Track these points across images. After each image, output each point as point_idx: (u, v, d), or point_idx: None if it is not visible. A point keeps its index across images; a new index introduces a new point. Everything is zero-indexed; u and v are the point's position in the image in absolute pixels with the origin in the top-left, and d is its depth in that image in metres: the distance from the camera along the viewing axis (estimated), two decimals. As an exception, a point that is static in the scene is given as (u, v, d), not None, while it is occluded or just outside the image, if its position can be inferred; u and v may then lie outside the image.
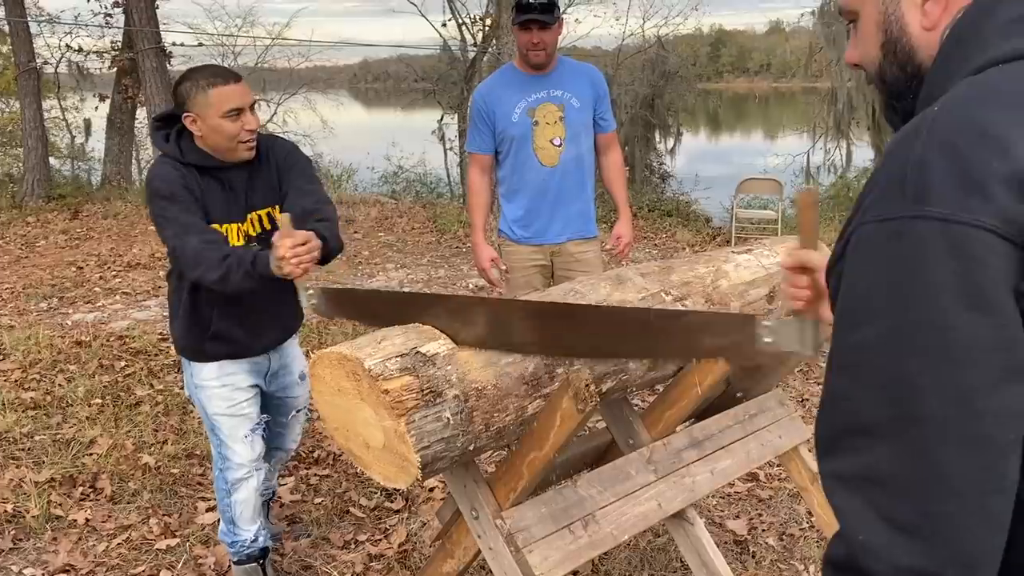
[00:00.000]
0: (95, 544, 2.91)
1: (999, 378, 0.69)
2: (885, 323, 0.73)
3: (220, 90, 2.23)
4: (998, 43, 0.80)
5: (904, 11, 0.88)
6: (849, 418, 0.75)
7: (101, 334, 5.01)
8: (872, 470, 0.73)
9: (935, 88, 0.84)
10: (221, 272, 2.13)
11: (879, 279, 0.74)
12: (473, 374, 1.76)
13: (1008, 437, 0.71)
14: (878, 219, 0.75)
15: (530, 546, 1.93)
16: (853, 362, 0.76)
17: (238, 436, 2.49)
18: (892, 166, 0.76)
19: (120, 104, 11.76)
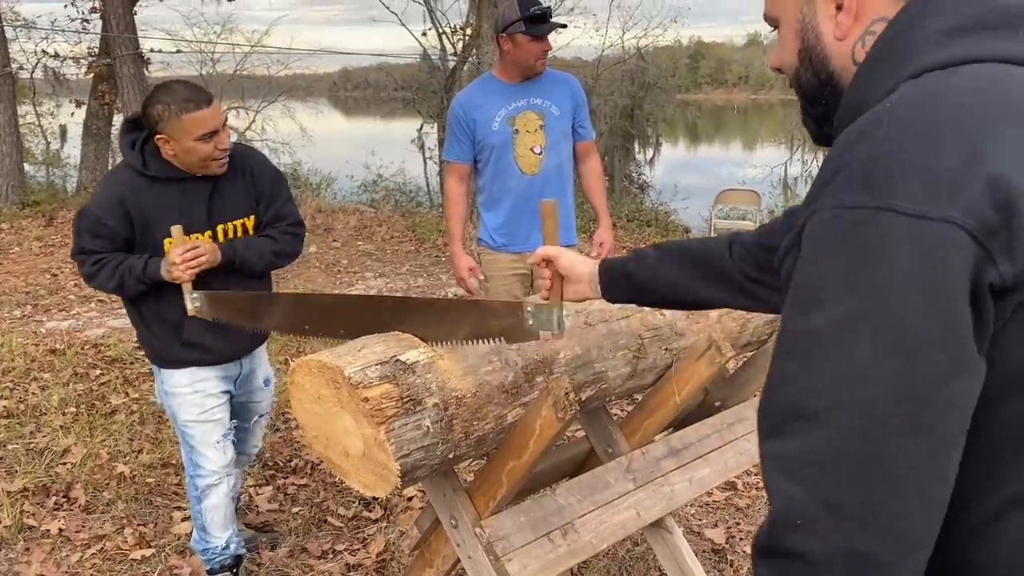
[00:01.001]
0: (68, 554, 2.87)
1: (948, 372, 0.71)
2: (839, 310, 0.73)
3: (193, 116, 2.23)
4: (934, 51, 0.81)
5: (819, 21, 0.92)
6: (796, 402, 0.76)
7: (76, 342, 4.96)
8: (816, 454, 0.73)
9: (862, 92, 0.87)
10: (116, 282, 2.32)
11: (836, 266, 0.74)
12: (453, 382, 1.76)
13: (951, 429, 0.72)
14: (838, 207, 0.75)
15: (509, 555, 1.93)
16: (803, 347, 0.76)
17: (209, 442, 2.48)
18: (850, 159, 0.77)
19: (96, 110, 11.65)
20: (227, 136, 2.33)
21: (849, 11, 0.89)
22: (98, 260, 2.32)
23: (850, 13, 0.89)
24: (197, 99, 2.25)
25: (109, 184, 2.37)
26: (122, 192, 2.31)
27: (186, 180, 2.35)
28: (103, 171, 11.89)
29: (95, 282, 2.36)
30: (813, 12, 0.92)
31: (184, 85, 2.31)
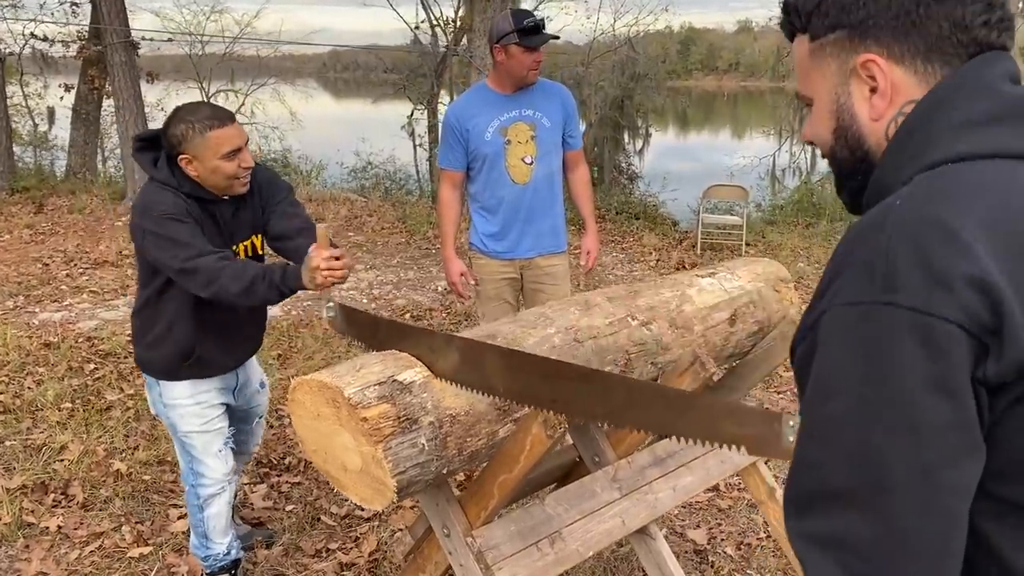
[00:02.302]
0: (67, 552, 2.94)
1: (957, 455, 0.78)
2: (854, 398, 0.80)
3: (217, 133, 2.24)
4: (948, 143, 0.88)
5: (854, 102, 0.97)
6: (821, 484, 0.82)
7: (69, 335, 5.00)
8: (841, 532, 0.80)
9: (887, 176, 0.93)
10: (244, 284, 2.17)
11: (850, 357, 0.81)
12: (447, 401, 1.84)
13: (961, 508, 0.79)
14: (848, 303, 0.82)
15: (499, 563, 2.01)
16: (825, 432, 0.83)
17: (211, 451, 2.54)
18: (859, 254, 0.84)
19: (86, 94, 11.61)
20: (250, 157, 2.33)
21: (884, 95, 0.94)
22: (220, 259, 2.20)
23: (884, 96, 0.94)
24: (220, 117, 2.27)
25: (156, 195, 2.28)
26: (177, 202, 2.26)
27: (215, 202, 2.35)
28: (92, 156, 11.87)
29: (215, 286, 2.18)
30: (848, 94, 0.97)
31: (206, 105, 2.34)
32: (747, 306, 2.62)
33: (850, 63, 0.96)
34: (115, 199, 9.32)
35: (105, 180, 11.28)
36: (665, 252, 8.12)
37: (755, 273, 2.75)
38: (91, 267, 6.71)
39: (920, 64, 0.92)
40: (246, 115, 17.46)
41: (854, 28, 0.95)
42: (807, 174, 14.69)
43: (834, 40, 0.97)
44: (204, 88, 17.29)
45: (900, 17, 0.92)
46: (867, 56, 0.94)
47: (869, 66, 0.94)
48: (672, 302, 2.43)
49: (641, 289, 2.46)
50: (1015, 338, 0.76)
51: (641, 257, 7.90)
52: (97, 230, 8.00)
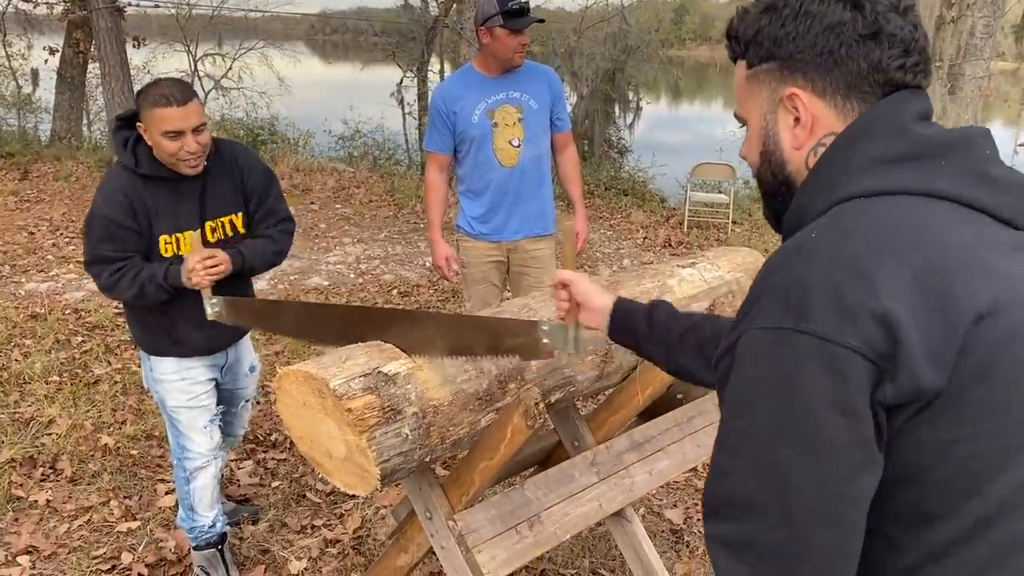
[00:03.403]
0: (56, 526, 3.00)
1: (856, 470, 0.86)
2: (765, 416, 0.88)
3: (161, 111, 2.29)
4: (859, 179, 0.95)
5: (779, 130, 1.05)
6: (733, 491, 0.90)
7: (56, 306, 5.02)
8: (750, 537, 0.89)
9: (804, 204, 1.00)
10: (135, 291, 2.37)
11: (762, 378, 0.89)
12: (431, 392, 1.89)
13: (858, 516, 0.88)
14: (763, 327, 0.89)
15: (479, 546, 2.08)
16: (737, 445, 0.91)
17: (197, 427, 2.60)
18: (776, 281, 0.91)
19: (71, 58, 11.48)
20: (196, 143, 2.35)
21: (805, 126, 1.02)
22: (117, 270, 2.36)
23: (805, 128, 1.02)
24: (170, 97, 2.30)
25: (109, 184, 2.40)
26: (124, 189, 2.36)
27: (177, 180, 2.41)
28: (77, 121, 11.77)
29: (114, 293, 2.40)
30: (775, 121, 1.05)
31: (170, 83, 2.37)
32: (726, 296, 2.67)
33: (778, 93, 1.03)
34: (102, 166, 9.26)
35: (91, 146, 11.18)
36: (652, 230, 8.17)
37: (735, 263, 2.80)
38: (77, 236, 6.69)
39: (840, 100, 1.00)
40: (233, 80, 17.29)
41: (784, 61, 1.02)
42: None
43: (766, 70, 1.04)
44: (191, 51, 17.07)
45: (824, 55, 0.99)
46: (792, 89, 1.01)
47: (793, 98, 1.01)
48: (653, 292, 2.48)
49: (623, 279, 2.51)
50: (909, 365, 0.83)
51: (629, 235, 7.94)
52: (84, 198, 7.97)
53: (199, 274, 2.31)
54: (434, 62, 16.19)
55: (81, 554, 2.84)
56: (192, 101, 2.33)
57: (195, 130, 2.34)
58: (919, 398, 0.85)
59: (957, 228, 0.90)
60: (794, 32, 1.00)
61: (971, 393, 0.85)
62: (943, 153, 0.94)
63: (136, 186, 2.38)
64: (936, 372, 0.84)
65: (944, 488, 0.88)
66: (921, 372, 0.83)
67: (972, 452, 0.87)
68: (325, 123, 14.09)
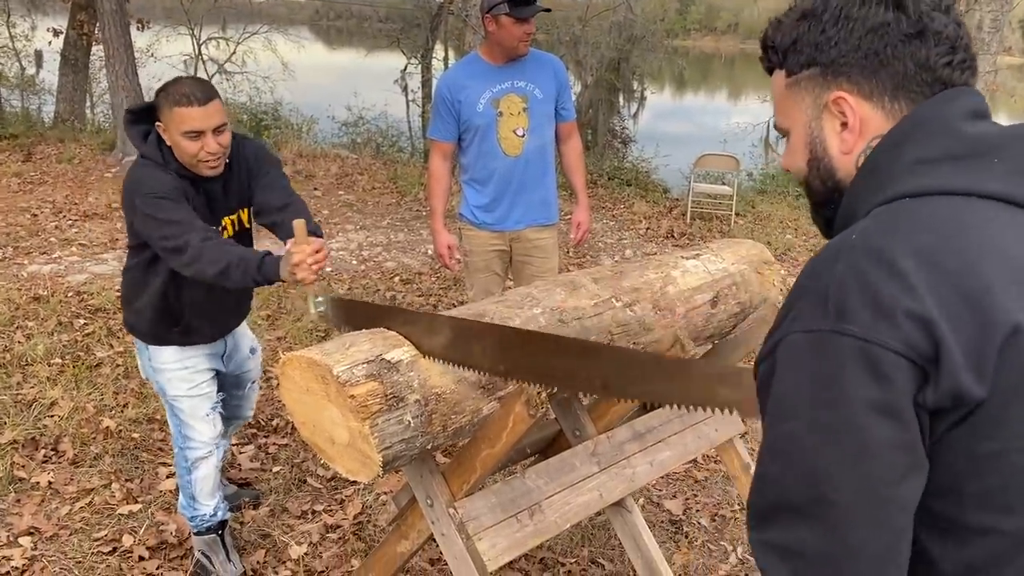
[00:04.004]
0: (58, 507, 3.01)
1: (901, 473, 0.85)
2: (807, 420, 0.87)
3: (182, 111, 2.24)
4: (904, 179, 0.94)
5: (826, 136, 1.03)
6: (779, 498, 0.90)
7: (59, 289, 5.02)
8: (797, 543, 0.88)
9: (852, 207, 1.00)
10: (220, 268, 2.16)
11: (803, 383, 0.88)
12: (433, 379, 1.89)
13: (905, 521, 0.87)
14: (804, 330, 0.88)
15: (479, 534, 2.09)
16: (782, 449, 0.90)
17: (199, 415, 2.60)
18: (817, 283, 0.90)
19: (75, 40, 11.43)
20: (217, 144, 2.30)
21: (853, 130, 1.01)
22: (207, 237, 2.18)
23: (854, 131, 1.01)
24: (191, 96, 2.25)
25: (143, 172, 2.30)
26: (166, 179, 2.27)
27: (200, 179, 2.36)
28: (80, 103, 11.74)
29: (196, 265, 2.18)
30: (820, 128, 1.04)
31: (192, 82, 2.33)
32: (729, 288, 2.67)
33: (823, 99, 1.02)
34: (104, 149, 9.25)
35: (93, 129, 11.16)
36: (655, 220, 8.16)
37: (739, 255, 2.80)
38: (80, 219, 6.69)
39: (887, 101, 0.99)
40: (237, 64, 17.25)
41: (827, 66, 1.01)
42: (800, 142, 14.64)
43: (808, 76, 1.03)
44: (195, 35, 17.03)
45: (869, 57, 0.98)
46: (838, 93, 1.00)
47: (840, 103, 1.00)
48: (656, 283, 2.48)
49: (626, 270, 2.51)
50: (951, 369, 0.83)
51: (631, 225, 7.94)
52: (86, 181, 7.96)
53: (309, 270, 2.09)
54: (438, 49, 16.14)
55: (82, 536, 2.85)
56: (213, 101, 2.28)
57: (216, 130, 2.29)
58: (961, 405, 0.84)
59: (1001, 231, 0.89)
60: (836, 37, 0.99)
61: (1017, 404, 0.84)
62: (993, 152, 0.93)
63: (168, 181, 2.30)
64: (977, 380, 0.83)
65: (985, 502, 0.87)
66: (962, 377, 0.82)
67: (1016, 467, 0.86)
68: (329, 109, 14.06)
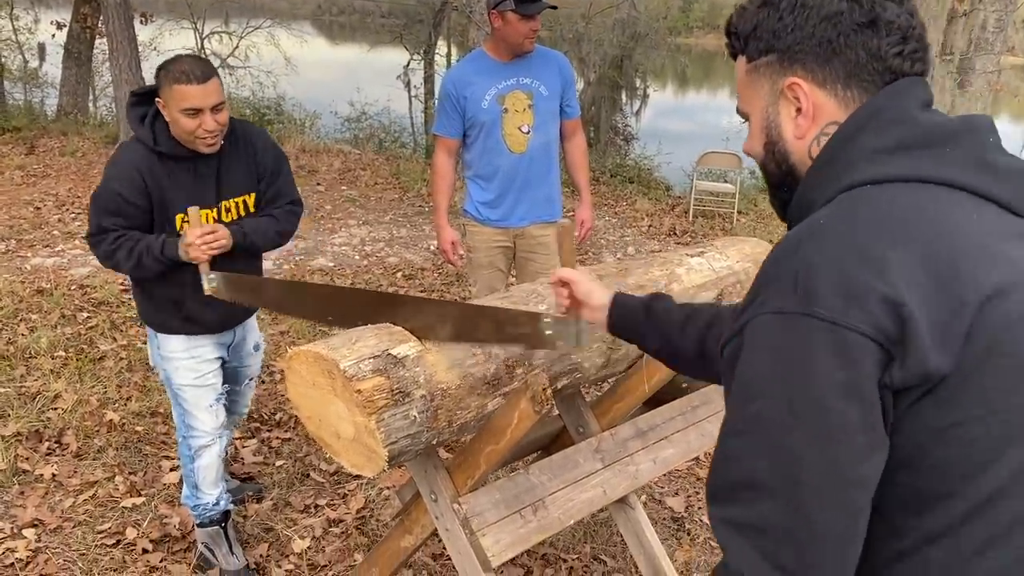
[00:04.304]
0: (62, 499, 3.02)
1: (863, 453, 0.87)
2: (775, 400, 0.89)
3: (181, 88, 2.29)
4: (863, 168, 0.96)
5: (781, 121, 1.07)
6: (742, 475, 0.91)
7: (62, 282, 5.03)
8: (760, 520, 0.89)
9: (809, 193, 1.02)
10: (133, 262, 2.37)
11: (771, 363, 0.90)
12: (440, 375, 1.89)
13: (865, 498, 0.89)
14: (772, 311, 0.90)
15: (483, 530, 2.09)
16: (747, 429, 0.91)
17: (203, 405, 2.61)
18: (784, 267, 0.92)
19: (78, 33, 11.44)
20: (215, 122, 2.35)
21: (807, 115, 1.04)
22: (116, 239, 2.36)
23: (807, 117, 1.04)
24: (191, 74, 2.30)
25: (123, 158, 2.40)
26: (139, 165, 2.36)
27: (194, 158, 2.42)
28: (84, 96, 11.75)
29: (112, 262, 2.40)
30: (777, 113, 1.07)
31: (191, 60, 2.38)
32: (733, 286, 2.67)
33: (779, 84, 1.05)
34: (107, 142, 9.25)
35: (96, 122, 11.17)
36: (657, 218, 8.16)
37: (743, 253, 2.80)
38: (83, 212, 6.69)
39: (840, 89, 1.02)
40: (240, 58, 17.23)
41: (783, 53, 1.04)
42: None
43: (767, 63, 1.06)
44: (198, 28, 17.01)
45: (822, 45, 1.01)
46: (793, 79, 1.03)
47: (794, 88, 1.03)
48: (661, 281, 2.49)
49: (631, 267, 2.51)
50: (917, 349, 0.85)
51: (633, 222, 7.94)
52: (89, 174, 7.97)
53: (198, 248, 2.32)
54: (441, 45, 16.13)
55: (86, 528, 2.86)
56: (212, 79, 2.34)
57: (214, 108, 2.34)
58: (926, 382, 0.86)
59: (963, 215, 0.91)
60: (792, 24, 1.03)
61: (977, 376, 0.86)
62: (948, 141, 0.96)
63: (152, 163, 2.38)
64: (943, 356, 0.85)
65: (945, 471, 0.89)
66: (929, 356, 0.85)
67: (976, 435, 0.88)
68: (332, 104, 14.05)
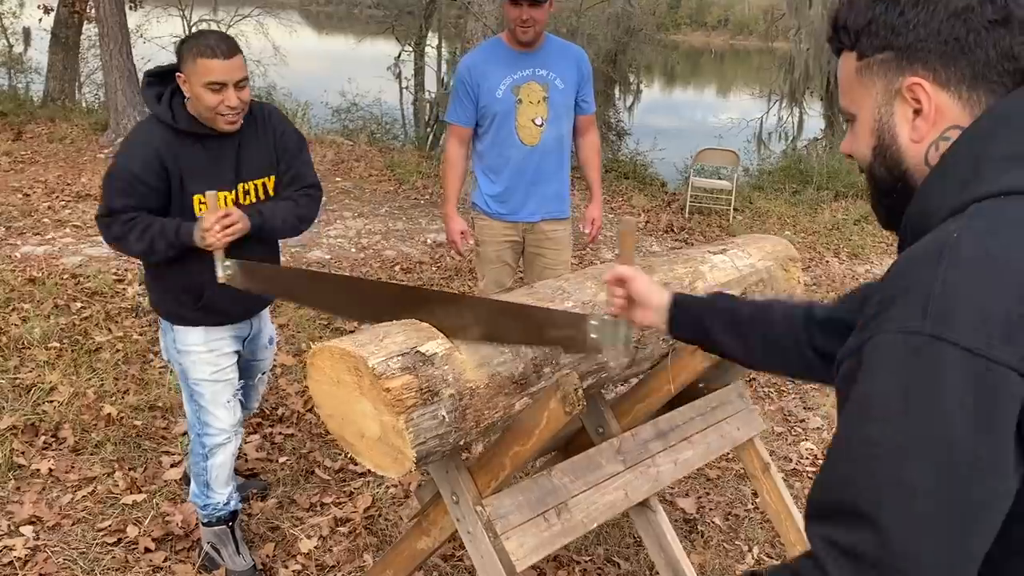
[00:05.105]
0: (59, 495, 2.93)
1: (990, 497, 0.79)
2: (896, 427, 0.81)
3: (205, 62, 2.25)
4: (995, 176, 0.89)
5: (896, 123, 0.99)
6: (849, 500, 0.84)
7: (54, 271, 4.91)
8: (864, 549, 0.82)
9: (932, 202, 0.94)
10: (145, 245, 2.29)
11: (895, 385, 0.82)
12: (468, 374, 1.83)
13: (982, 546, 0.82)
14: (900, 331, 0.83)
15: (507, 533, 2.03)
16: (860, 453, 0.84)
17: (220, 401, 2.53)
18: (912, 283, 0.84)
19: (66, 18, 11.24)
20: (237, 98, 2.30)
21: (927, 118, 0.96)
22: (128, 220, 2.28)
23: (928, 120, 0.96)
24: (216, 48, 2.26)
25: (141, 137, 2.32)
26: (157, 145, 2.29)
27: (212, 137, 2.35)
28: (71, 82, 11.56)
29: (123, 244, 2.31)
30: (891, 114, 0.99)
31: (217, 35, 2.34)
32: (756, 284, 2.62)
33: (896, 84, 0.97)
34: (96, 129, 9.09)
35: (83, 108, 10.98)
36: (654, 214, 8.11)
37: (765, 251, 2.75)
38: (73, 200, 6.56)
39: (965, 90, 0.94)
40: (228, 48, 16.99)
41: (902, 51, 0.96)
42: (794, 139, 14.67)
43: (881, 60, 0.98)
44: (186, 16, 16.79)
45: (949, 43, 0.93)
46: (913, 79, 0.96)
47: (915, 89, 0.96)
48: (685, 279, 2.43)
49: (655, 264, 2.45)
50: None
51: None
52: (79, 161, 7.82)
53: (215, 234, 2.21)
54: (433, 38, 15.99)
55: (86, 526, 2.78)
56: (237, 55, 2.29)
57: (237, 84, 2.29)
58: None
59: None
60: (915, 20, 0.95)
61: None
62: None
63: (170, 142, 2.30)
64: None
65: None
66: None
67: None
68: (323, 95, 13.91)
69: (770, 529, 3.04)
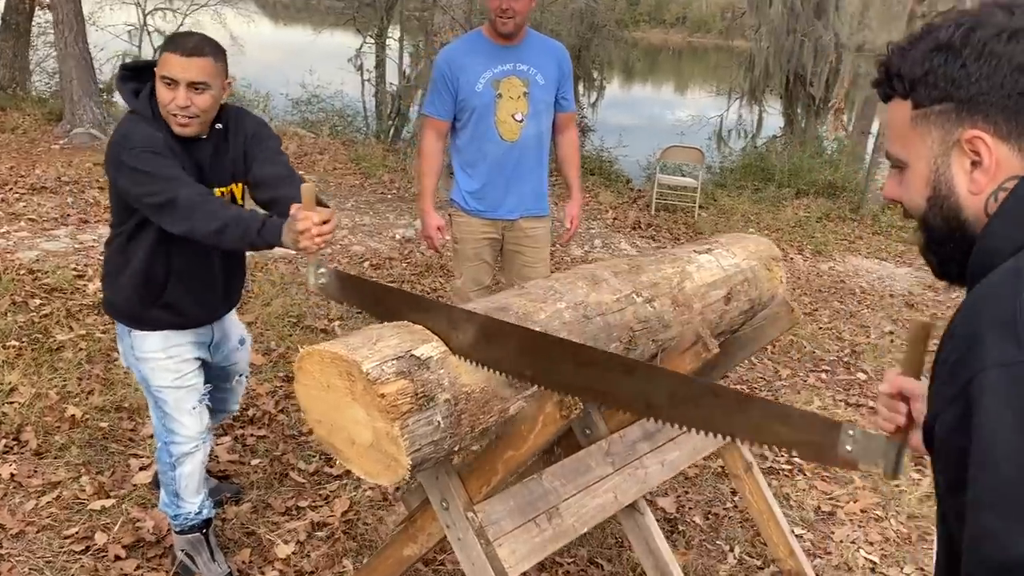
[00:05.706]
0: (23, 501, 2.81)
1: None
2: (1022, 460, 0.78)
3: (166, 55, 2.19)
4: None
5: (954, 174, 0.98)
6: (1003, 554, 0.78)
7: (10, 266, 4.73)
8: None
9: (995, 243, 0.94)
10: (216, 225, 2.02)
11: (1011, 420, 0.79)
12: (464, 378, 1.78)
13: None
14: (998, 364, 0.81)
15: (500, 539, 1.99)
16: (996, 500, 0.80)
17: (185, 408, 2.44)
18: (997, 315, 0.83)
19: (16, 4, 10.88)
20: (190, 98, 2.18)
21: (987, 171, 0.95)
22: (200, 193, 2.08)
23: (987, 173, 0.95)
24: (180, 45, 2.19)
25: (130, 128, 2.21)
26: (154, 134, 2.19)
27: (187, 139, 2.26)
28: (23, 71, 11.20)
29: (190, 222, 2.05)
30: (948, 165, 0.98)
31: (193, 35, 2.27)
32: (741, 284, 2.62)
33: (954, 136, 0.96)
34: (50, 119, 8.82)
35: (35, 98, 10.65)
36: (621, 211, 8.12)
37: (748, 251, 2.74)
38: (28, 192, 6.34)
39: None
40: (185, 37, 16.63)
41: (963, 103, 0.95)
42: (753, 137, 14.82)
43: (940, 111, 0.97)
44: (140, 4, 16.39)
45: (1012, 97, 0.93)
46: (974, 132, 0.95)
47: (975, 142, 0.95)
48: (674, 279, 2.41)
49: (643, 264, 2.43)
50: None
51: (598, 215, 7.88)
52: (32, 152, 7.57)
53: (314, 239, 1.92)
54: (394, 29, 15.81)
55: (52, 533, 2.67)
56: (202, 57, 2.18)
57: (192, 85, 2.18)
58: None
59: None
60: (977, 73, 0.94)
61: None
62: None
63: (157, 137, 2.20)
64: None
65: None
66: None
67: None
68: (285, 86, 13.68)
69: (750, 528, 3.04)
